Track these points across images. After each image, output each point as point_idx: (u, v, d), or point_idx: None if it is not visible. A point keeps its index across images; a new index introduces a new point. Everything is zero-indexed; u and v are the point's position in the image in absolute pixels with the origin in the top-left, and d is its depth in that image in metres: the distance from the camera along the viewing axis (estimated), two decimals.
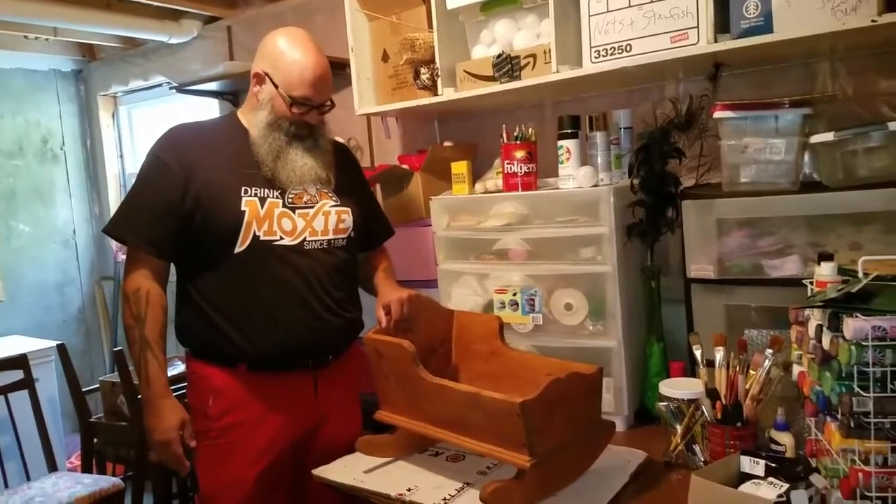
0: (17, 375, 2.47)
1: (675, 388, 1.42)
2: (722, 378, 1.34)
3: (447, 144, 2.19)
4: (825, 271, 1.15)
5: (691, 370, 1.49)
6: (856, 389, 0.99)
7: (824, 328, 1.06)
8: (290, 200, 1.50)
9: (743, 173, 1.49)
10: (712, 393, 1.33)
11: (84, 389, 2.61)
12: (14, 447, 2.43)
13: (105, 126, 3.78)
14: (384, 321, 1.48)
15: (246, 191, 1.46)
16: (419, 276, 1.97)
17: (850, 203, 1.40)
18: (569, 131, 1.68)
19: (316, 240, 1.51)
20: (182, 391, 1.60)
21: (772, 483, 1.09)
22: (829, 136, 1.39)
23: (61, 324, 3.71)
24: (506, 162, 1.74)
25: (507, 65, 1.76)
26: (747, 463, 1.16)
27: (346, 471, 1.45)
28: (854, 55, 1.60)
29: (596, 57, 1.62)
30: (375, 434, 1.53)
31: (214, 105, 3.03)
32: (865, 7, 1.30)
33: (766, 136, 1.46)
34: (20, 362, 2.48)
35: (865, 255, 1.09)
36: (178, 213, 1.45)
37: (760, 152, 1.47)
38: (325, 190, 1.55)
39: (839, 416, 1.02)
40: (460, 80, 1.87)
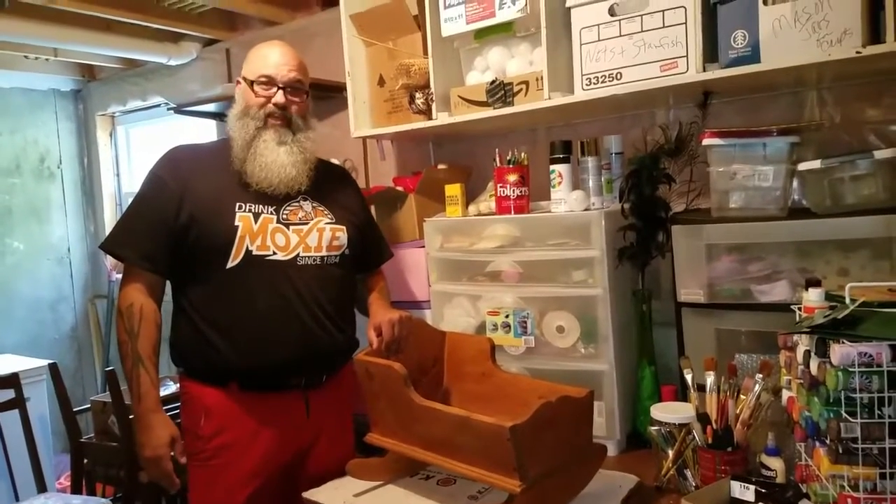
0: (8, 395, 2.44)
1: (667, 412, 1.42)
2: (713, 402, 1.34)
3: (441, 167, 2.20)
4: (813, 297, 1.16)
5: (682, 394, 1.49)
6: (843, 415, 0.99)
7: (812, 354, 1.07)
8: (285, 217, 1.52)
9: (732, 199, 1.51)
10: (703, 417, 1.33)
11: (75, 409, 2.59)
12: (3, 467, 2.40)
13: (102, 145, 3.80)
14: (375, 342, 1.48)
15: (240, 206, 1.48)
16: (412, 297, 1.98)
17: (838, 229, 1.42)
18: (561, 156, 1.71)
19: (309, 255, 1.52)
20: (174, 411, 1.59)
21: None
22: (817, 164, 1.41)
23: (53, 341, 3.70)
24: (499, 185, 1.76)
25: (501, 91, 1.79)
26: (738, 488, 1.16)
27: (337, 493, 1.44)
28: (840, 84, 1.63)
29: (587, 84, 1.65)
30: (367, 456, 1.53)
31: (212, 126, 3.06)
32: (850, 38, 1.33)
33: (755, 163, 1.48)
34: (11, 381, 2.46)
35: (853, 282, 1.11)
36: (173, 228, 1.46)
37: (749, 179, 1.49)
38: (321, 207, 1.57)
39: (828, 442, 1.02)
40: (455, 105, 1.90)
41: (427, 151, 2.35)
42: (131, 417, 1.52)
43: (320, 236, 1.54)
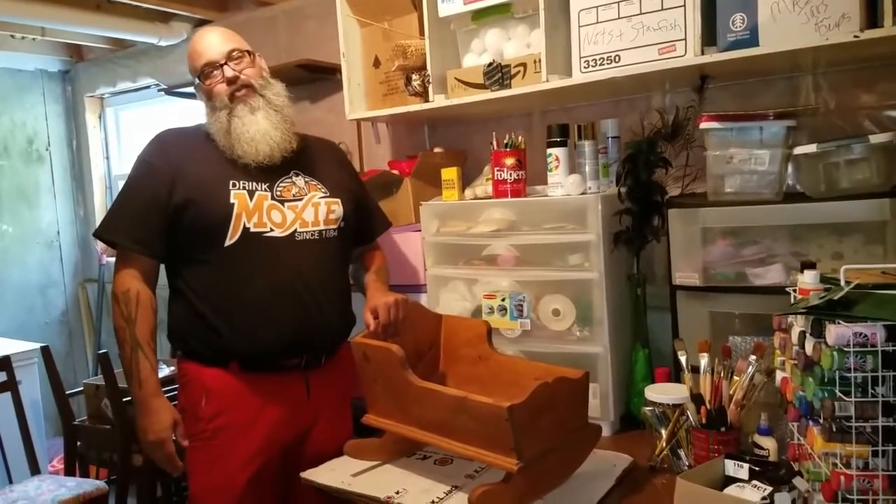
0: (0, 378, 2.44)
1: (661, 394, 1.44)
2: (706, 384, 1.36)
3: (437, 150, 2.20)
4: (808, 279, 1.17)
5: (676, 376, 1.51)
6: (838, 394, 1.01)
7: (807, 334, 1.08)
8: (279, 193, 1.52)
9: (728, 183, 1.52)
10: (697, 398, 1.35)
11: (67, 392, 2.58)
12: None
13: (91, 127, 3.75)
14: (372, 325, 1.48)
15: (234, 184, 1.48)
16: (408, 281, 1.98)
17: (832, 213, 1.43)
18: (558, 140, 1.71)
19: (307, 230, 1.52)
20: (170, 394, 1.59)
21: (755, 486, 1.11)
22: (812, 148, 1.42)
23: (44, 326, 3.67)
24: (495, 169, 1.75)
25: (498, 73, 1.78)
26: (731, 466, 1.17)
27: (334, 474, 1.45)
28: (836, 70, 1.63)
29: (585, 67, 1.65)
30: (363, 438, 1.54)
31: (202, 108, 3.02)
32: (848, 23, 1.33)
33: (751, 147, 1.49)
34: (3, 364, 2.45)
35: (847, 265, 1.12)
36: (166, 210, 1.46)
37: (745, 163, 1.50)
38: (314, 182, 1.58)
39: (821, 421, 1.04)
40: (451, 88, 1.89)
41: (422, 135, 2.34)
42: (126, 400, 1.52)
43: (316, 211, 1.54)
